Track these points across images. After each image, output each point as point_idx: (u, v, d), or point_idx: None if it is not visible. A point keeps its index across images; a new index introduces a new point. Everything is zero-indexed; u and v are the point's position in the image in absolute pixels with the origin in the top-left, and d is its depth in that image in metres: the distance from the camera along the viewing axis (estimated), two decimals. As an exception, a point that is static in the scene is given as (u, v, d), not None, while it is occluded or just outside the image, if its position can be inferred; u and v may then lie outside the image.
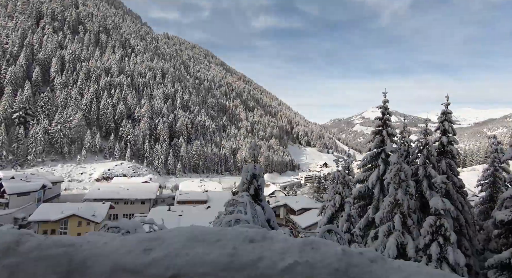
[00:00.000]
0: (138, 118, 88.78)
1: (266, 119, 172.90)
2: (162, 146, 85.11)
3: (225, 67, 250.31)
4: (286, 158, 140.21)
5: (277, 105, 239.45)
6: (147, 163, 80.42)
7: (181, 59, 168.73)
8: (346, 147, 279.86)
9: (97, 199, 41.10)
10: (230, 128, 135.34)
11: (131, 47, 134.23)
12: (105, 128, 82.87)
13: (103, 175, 70.33)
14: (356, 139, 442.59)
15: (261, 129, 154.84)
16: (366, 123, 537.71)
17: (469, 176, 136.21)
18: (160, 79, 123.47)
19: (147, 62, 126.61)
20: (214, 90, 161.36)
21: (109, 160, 76.08)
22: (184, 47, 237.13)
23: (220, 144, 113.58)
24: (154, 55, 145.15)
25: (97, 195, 41.97)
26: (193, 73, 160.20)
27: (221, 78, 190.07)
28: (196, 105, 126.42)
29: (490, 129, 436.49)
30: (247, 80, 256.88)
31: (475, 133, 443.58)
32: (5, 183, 39.58)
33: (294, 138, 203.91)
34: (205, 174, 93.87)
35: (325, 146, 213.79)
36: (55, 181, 46.27)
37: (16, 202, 37.74)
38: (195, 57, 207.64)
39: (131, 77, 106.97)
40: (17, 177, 42.62)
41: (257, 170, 9.35)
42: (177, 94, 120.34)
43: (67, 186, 59.99)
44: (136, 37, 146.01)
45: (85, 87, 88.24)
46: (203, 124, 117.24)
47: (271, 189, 67.34)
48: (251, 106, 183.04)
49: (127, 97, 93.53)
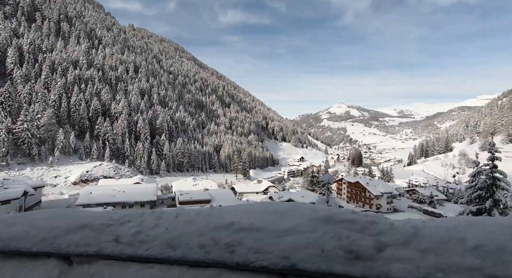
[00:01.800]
0: (115, 115, 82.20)
1: (243, 115, 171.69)
2: (144, 144, 79.95)
3: (196, 62, 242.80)
4: (266, 154, 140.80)
5: (251, 101, 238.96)
6: (128, 162, 74.99)
7: (152, 53, 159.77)
8: (317, 141, 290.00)
9: (91, 204, 37.11)
10: (210, 124, 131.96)
11: (98, 38, 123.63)
12: (79, 126, 75.35)
13: (81, 177, 63.94)
14: (324, 133, 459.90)
15: (239, 126, 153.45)
16: (332, 118, 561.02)
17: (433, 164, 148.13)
18: (133, 73, 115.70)
19: (118, 55, 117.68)
20: (189, 86, 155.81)
21: (86, 161, 69.40)
22: (153, 40, 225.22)
23: (202, 141, 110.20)
24: (124, 47, 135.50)
25: (90, 200, 37.82)
26: (167, 68, 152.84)
27: (195, 73, 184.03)
28: (173, 101, 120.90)
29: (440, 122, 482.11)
30: (220, 76, 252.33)
31: (428, 126, 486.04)
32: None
33: (270, 134, 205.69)
34: (189, 172, 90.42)
35: (300, 140, 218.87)
36: (36, 186, 40.68)
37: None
38: (165, 51, 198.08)
39: (102, 71, 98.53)
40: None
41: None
42: (152, 89, 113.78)
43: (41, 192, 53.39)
44: (102, 28, 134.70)
45: (51, 81, 79.25)
46: (183, 121, 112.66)
47: (264, 185, 66.88)
48: (227, 102, 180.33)
49: (100, 92, 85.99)
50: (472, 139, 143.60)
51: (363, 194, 56.10)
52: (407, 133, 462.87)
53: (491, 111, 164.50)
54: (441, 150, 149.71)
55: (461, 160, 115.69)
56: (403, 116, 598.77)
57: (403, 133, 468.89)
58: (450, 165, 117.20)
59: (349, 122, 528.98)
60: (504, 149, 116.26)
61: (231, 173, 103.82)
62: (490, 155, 17.54)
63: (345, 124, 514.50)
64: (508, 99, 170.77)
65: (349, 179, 59.77)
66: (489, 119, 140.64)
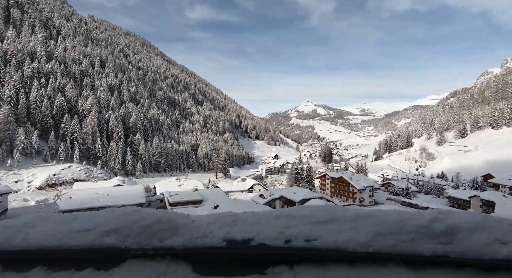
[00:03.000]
0: (84, 113, 75.48)
1: (216, 114, 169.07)
2: (118, 144, 74.59)
3: (165, 59, 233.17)
4: (242, 152, 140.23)
5: (223, 99, 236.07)
6: (101, 164, 69.38)
7: (118, 47, 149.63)
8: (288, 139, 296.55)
9: (73, 209, 33.57)
10: (184, 123, 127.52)
11: (56, 28, 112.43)
12: (41, 125, 67.75)
13: (48, 181, 57.64)
14: (294, 131, 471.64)
15: (214, 124, 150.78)
16: (301, 116, 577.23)
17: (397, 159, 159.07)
18: (100, 68, 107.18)
19: (81, 48, 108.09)
20: (160, 83, 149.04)
21: (51, 163, 62.71)
22: (117, 33, 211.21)
23: (179, 140, 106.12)
24: (87, 40, 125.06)
25: (72, 205, 34.11)
26: (135, 63, 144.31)
27: (165, 69, 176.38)
28: (145, 98, 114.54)
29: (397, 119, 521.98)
30: (190, 73, 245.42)
31: (387, 123, 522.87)
32: None
33: (244, 132, 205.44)
34: (167, 172, 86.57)
35: (272, 138, 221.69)
36: (2, 192, 35.54)
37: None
38: (132, 45, 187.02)
39: (64, 65, 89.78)
40: None
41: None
42: (122, 85, 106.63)
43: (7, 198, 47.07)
44: (60, 17, 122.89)
45: (4, 74, 70.31)
46: (157, 119, 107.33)
47: (249, 183, 66.42)
48: (199, 100, 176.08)
49: (65, 88, 78.31)
50: (429, 134, 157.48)
51: (347, 188, 58.40)
52: (369, 131, 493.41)
53: (443, 110, 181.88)
54: (403, 145, 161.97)
55: (422, 154, 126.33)
56: (365, 115, 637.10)
57: (366, 130, 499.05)
58: (412, 159, 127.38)
59: (317, 120, 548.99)
60: (456, 143, 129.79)
61: (209, 172, 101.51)
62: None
63: (312, 122, 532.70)
64: (456, 99, 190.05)
65: (332, 174, 61.80)
66: (443, 117, 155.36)
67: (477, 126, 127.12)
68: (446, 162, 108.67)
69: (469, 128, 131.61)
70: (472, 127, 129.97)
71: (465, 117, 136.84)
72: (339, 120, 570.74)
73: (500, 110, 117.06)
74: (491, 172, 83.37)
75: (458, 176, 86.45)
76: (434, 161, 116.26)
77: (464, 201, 50.05)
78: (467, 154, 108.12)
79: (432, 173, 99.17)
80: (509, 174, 74.92)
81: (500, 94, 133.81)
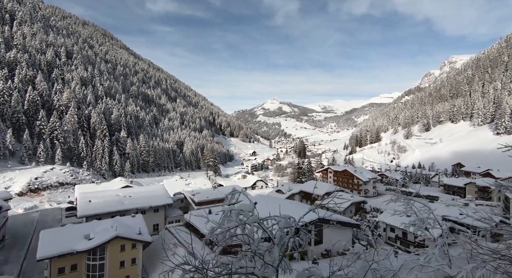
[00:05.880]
0: (60, 108, 66.85)
1: (191, 110, 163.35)
2: (103, 142, 67.63)
3: (130, 52, 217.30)
4: (223, 149, 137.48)
5: (193, 95, 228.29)
6: (87, 165, 62.28)
7: (81, 37, 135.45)
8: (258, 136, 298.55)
9: (98, 214, 29.56)
10: (163, 120, 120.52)
11: (8, 12, 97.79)
12: (11, 122, 58.34)
13: (30, 186, 49.87)
14: (261, 128, 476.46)
15: (191, 121, 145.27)
16: (267, 114, 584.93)
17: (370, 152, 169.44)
18: (66, 59, 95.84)
19: (42, 36, 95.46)
20: (131, 77, 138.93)
21: (30, 166, 54.44)
22: (72, 21, 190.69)
23: (163, 138, 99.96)
24: (46, 27, 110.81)
25: (95, 210, 29.86)
26: (102, 56, 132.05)
27: (134, 63, 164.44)
28: (120, 94, 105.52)
29: (356, 116, 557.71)
30: (158, 68, 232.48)
31: (347, 120, 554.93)
32: None
33: (218, 129, 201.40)
34: (155, 172, 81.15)
35: (247, 136, 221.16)
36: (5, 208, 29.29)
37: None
38: (95, 36, 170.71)
39: (28, 54, 78.51)
40: None
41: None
42: (94, 79, 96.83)
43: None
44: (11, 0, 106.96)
45: (-43, 62, 59.08)
46: (137, 116, 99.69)
47: (252, 180, 65.37)
48: (172, 96, 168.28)
49: (35, 80, 68.50)
50: (395, 129, 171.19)
51: (351, 181, 60.58)
52: (331, 127, 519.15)
53: (405, 106, 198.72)
54: (373, 139, 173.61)
55: (393, 147, 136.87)
56: (327, 112, 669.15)
57: (329, 127, 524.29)
58: (385, 152, 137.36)
59: (283, 117, 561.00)
60: (422, 136, 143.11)
61: (197, 170, 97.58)
62: None
63: (279, 119, 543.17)
64: (415, 97, 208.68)
65: (335, 168, 63.59)
66: (407, 113, 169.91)
67: (438, 121, 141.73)
68: (417, 153, 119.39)
69: (431, 123, 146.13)
70: (434, 121, 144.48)
71: (428, 113, 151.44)
72: (303, 117, 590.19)
73: (458, 106, 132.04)
74: (459, 161, 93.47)
75: (433, 166, 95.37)
76: (406, 153, 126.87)
77: (459, 188, 55.09)
78: (434, 146, 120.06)
79: (407, 164, 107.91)
80: (474, 162, 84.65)
81: (454, 92, 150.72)
